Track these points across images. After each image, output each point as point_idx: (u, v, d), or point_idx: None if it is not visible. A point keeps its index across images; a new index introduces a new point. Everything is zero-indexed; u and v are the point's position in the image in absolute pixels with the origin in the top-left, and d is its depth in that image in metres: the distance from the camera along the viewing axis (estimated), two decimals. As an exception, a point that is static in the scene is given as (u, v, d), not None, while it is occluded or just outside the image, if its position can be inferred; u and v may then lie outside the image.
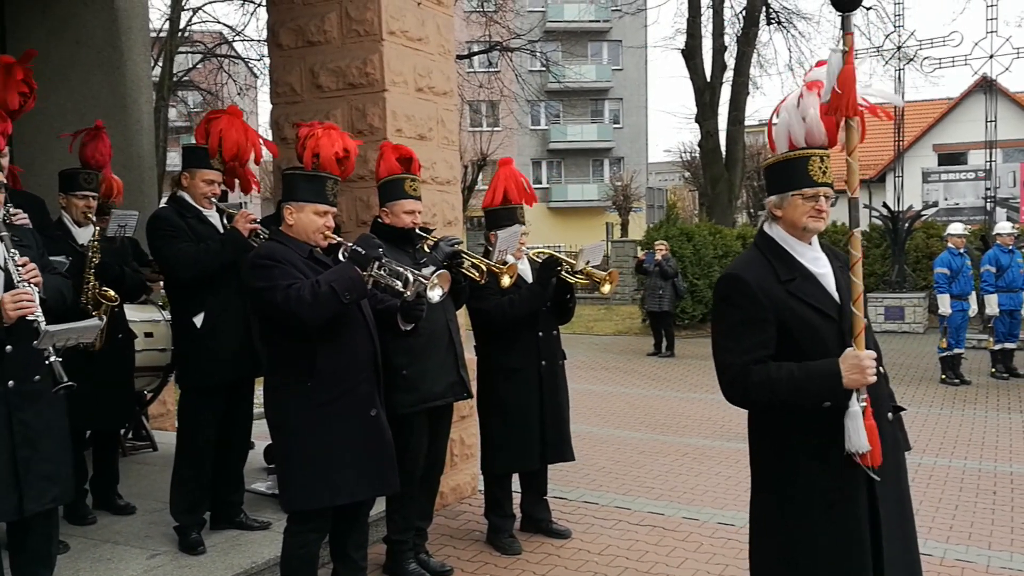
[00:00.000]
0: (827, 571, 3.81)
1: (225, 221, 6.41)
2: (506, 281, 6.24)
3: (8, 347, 4.45)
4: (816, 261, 3.90)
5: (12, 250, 4.47)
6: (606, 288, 6.81)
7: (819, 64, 4.07)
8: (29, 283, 4.41)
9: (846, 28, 3.80)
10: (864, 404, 3.66)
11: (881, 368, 3.89)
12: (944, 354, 14.78)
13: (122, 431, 8.33)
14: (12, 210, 4.96)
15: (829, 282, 3.86)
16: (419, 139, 7.66)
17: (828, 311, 3.79)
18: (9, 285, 4.42)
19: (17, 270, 4.41)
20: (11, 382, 4.45)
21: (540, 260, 6.81)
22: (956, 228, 14.97)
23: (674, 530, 7.37)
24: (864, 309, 3.81)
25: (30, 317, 4.33)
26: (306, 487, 4.91)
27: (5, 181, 4.84)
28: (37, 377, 4.55)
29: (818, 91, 3.92)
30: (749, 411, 4.08)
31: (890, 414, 3.94)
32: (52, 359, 4.39)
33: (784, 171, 3.93)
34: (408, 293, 5.02)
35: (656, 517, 7.71)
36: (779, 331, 3.79)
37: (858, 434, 3.63)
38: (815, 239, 3.96)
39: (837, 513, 3.77)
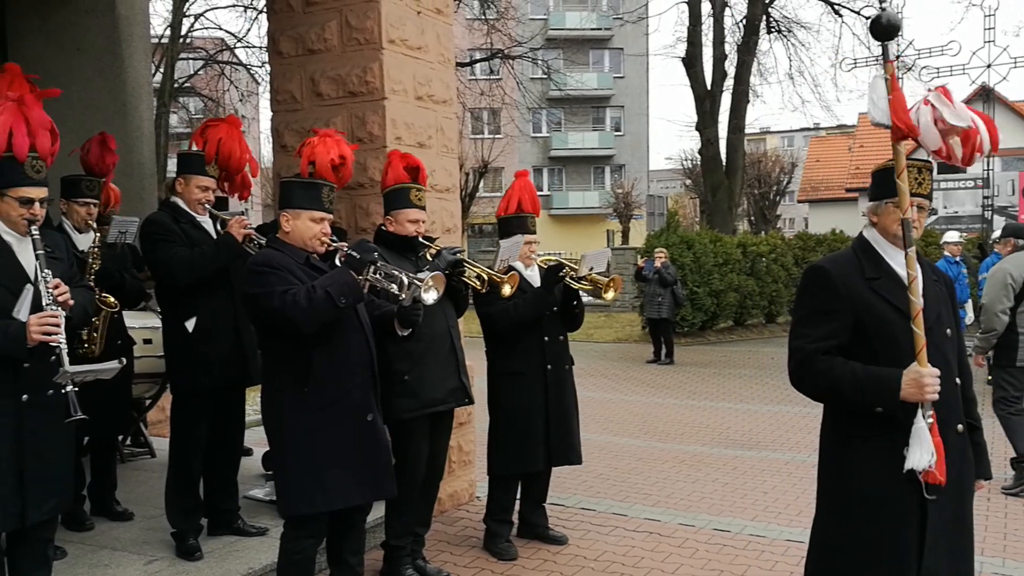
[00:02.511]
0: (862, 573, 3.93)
1: (219, 227, 6.44)
2: (507, 290, 6.27)
3: (26, 363, 4.47)
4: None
5: (46, 270, 4.50)
6: (609, 294, 6.89)
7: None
8: (57, 304, 4.44)
9: (886, 56, 3.91)
10: (931, 420, 3.74)
11: (957, 380, 4.04)
12: None
13: (120, 437, 8.37)
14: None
15: (915, 286, 3.92)
16: (419, 147, 7.70)
17: (907, 311, 3.85)
18: (37, 302, 4.44)
19: (48, 292, 4.44)
20: (25, 395, 4.48)
21: (547, 267, 6.87)
22: (951, 236, 15.01)
23: (670, 536, 7.39)
24: (949, 323, 4.04)
25: (52, 344, 4.36)
26: (302, 492, 4.94)
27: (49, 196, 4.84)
28: (51, 391, 4.56)
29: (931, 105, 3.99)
30: (823, 410, 4.22)
31: (960, 426, 4.02)
32: (68, 389, 4.43)
33: (883, 179, 4.06)
34: (404, 297, 5.06)
35: (652, 523, 7.74)
36: (855, 326, 3.93)
37: (922, 451, 3.72)
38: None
39: (885, 516, 3.86)
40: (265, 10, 8.22)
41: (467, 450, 8.14)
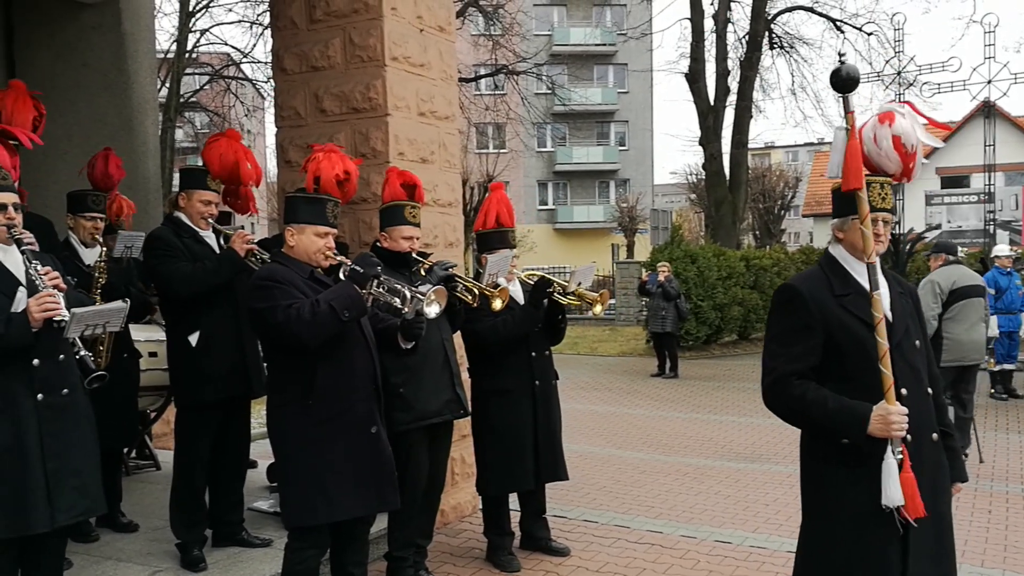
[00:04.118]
0: None
1: (222, 241, 6.49)
2: (497, 304, 6.30)
3: (36, 361, 4.55)
4: None
5: (33, 261, 4.58)
6: (597, 308, 6.93)
7: (889, 102, 4.21)
8: (52, 287, 4.52)
9: (847, 108, 3.98)
10: (900, 457, 3.79)
11: (930, 390, 4.09)
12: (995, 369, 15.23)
13: (125, 450, 8.41)
14: (20, 231, 5.06)
15: (884, 300, 3.99)
16: (421, 162, 7.77)
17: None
18: (34, 294, 4.52)
19: (40, 278, 4.52)
20: (40, 395, 4.55)
21: (532, 282, 6.91)
22: (1002, 250, 15.09)
23: (672, 548, 7.43)
24: (917, 335, 4.11)
25: (56, 318, 4.43)
26: (305, 503, 4.99)
27: (23, 203, 4.94)
28: (65, 391, 4.65)
29: (890, 123, 4.05)
30: (801, 433, 4.25)
31: (935, 435, 4.08)
32: (81, 353, 4.51)
33: (847, 196, 4.07)
34: (407, 310, 5.12)
35: (654, 535, 7.77)
36: (827, 342, 3.98)
37: (892, 488, 3.76)
38: (877, 261, 4.09)
39: (868, 530, 3.89)
40: (270, 27, 8.30)
41: (469, 463, 8.16)
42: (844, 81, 3.96)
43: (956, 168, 34.47)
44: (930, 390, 4.11)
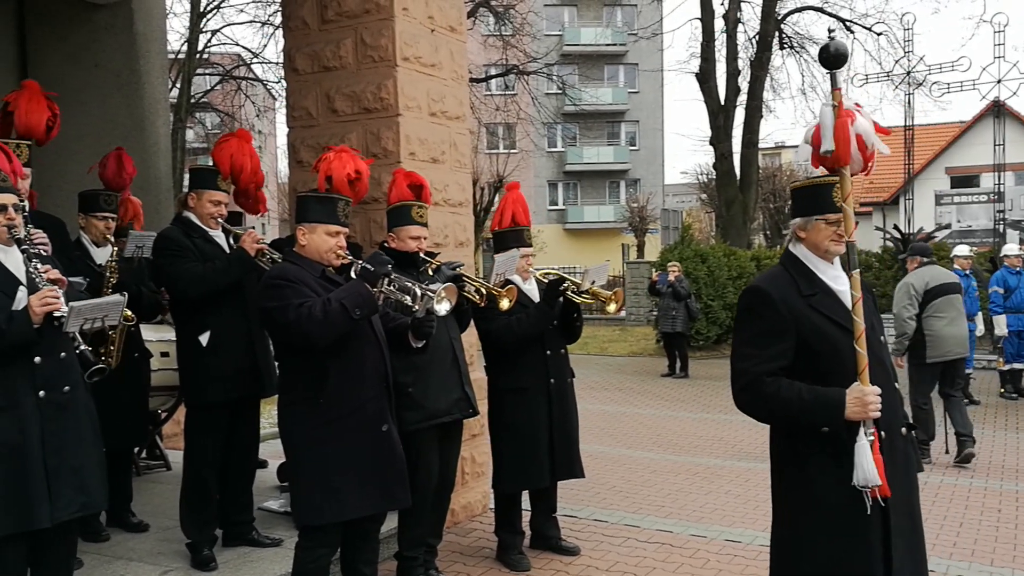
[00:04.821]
0: None
1: (231, 241, 6.50)
2: (504, 304, 6.30)
3: (37, 358, 4.58)
4: (837, 279, 4.07)
5: (33, 260, 4.62)
6: (611, 307, 6.94)
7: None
8: (52, 283, 4.55)
9: (834, 84, 3.99)
10: (872, 438, 3.80)
11: (896, 385, 4.11)
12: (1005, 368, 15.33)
13: (136, 450, 8.44)
14: (33, 231, 5.09)
15: (847, 298, 3.99)
16: (432, 162, 7.78)
17: (846, 324, 3.93)
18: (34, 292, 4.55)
19: (40, 276, 4.56)
20: (42, 392, 4.58)
21: (547, 280, 6.92)
22: (962, 250, 15.05)
23: (682, 547, 7.44)
24: (880, 331, 4.08)
25: (57, 313, 4.46)
26: (315, 502, 5.00)
27: (26, 203, 4.99)
28: (67, 388, 4.67)
29: (851, 121, 4.05)
30: (771, 430, 4.27)
31: (903, 429, 4.09)
32: (81, 347, 4.55)
33: (810, 196, 4.13)
34: (417, 308, 5.14)
35: (664, 535, 7.78)
36: (799, 343, 3.97)
37: (866, 467, 3.77)
38: (836, 259, 4.10)
39: (850, 523, 3.89)
40: (281, 27, 8.32)
41: (480, 462, 8.19)
42: (833, 57, 3.96)
43: (966, 168, 34.45)
44: (897, 385, 4.13)
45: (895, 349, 10.62)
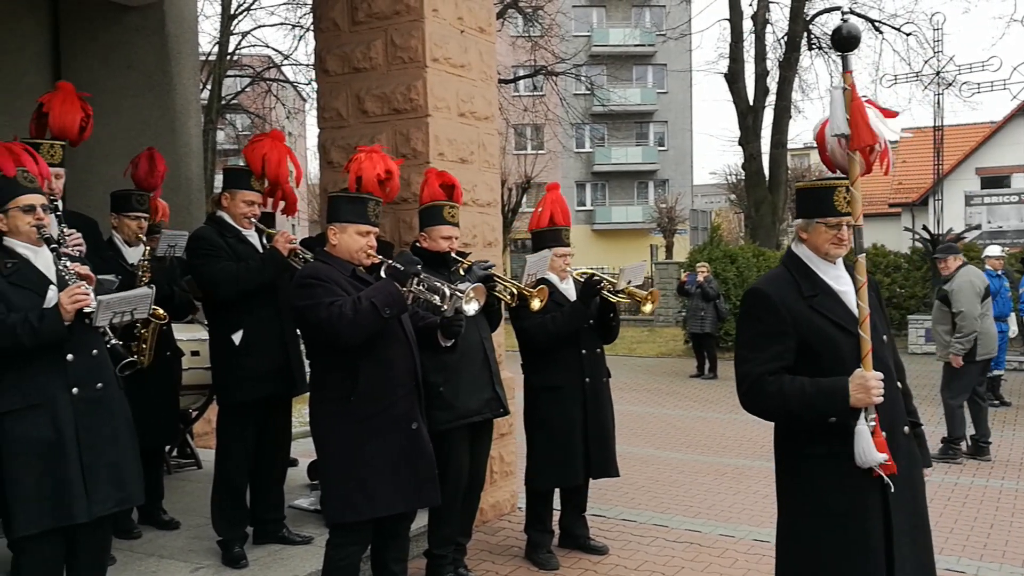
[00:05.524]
0: None
1: (264, 241, 6.54)
2: (535, 304, 6.32)
3: (70, 356, 4.64)
4: (839, 279, 4.08)
5: (63, 259, 4.68)
6: (647, 307, 6.93)
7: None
8: (81, 279, 4.62)
9: (846, 67, 3.98)
10: (873, 424, 3.82)
11: (900, 384, 4.12)
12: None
13: (167, 448, 8.50)
14: (67, 231, 5.15)
15: (850, 299, 4.03)
16: (461, 163, 7.81)
17: (847, 325, 3.95)
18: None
19: (70, 274, 4.63)
20: (75, 389, 4.64)
21: (583, 279, 6.94)
22: (993, 250, 14.95)
23: (710, 547, 7.44)
24: (884, 330, 4.02)
25: (87, 309, 4.51)
26: (347, 500, 5.04)
27: (59, 202, 5.06)
28: (100, 384, 4.73)
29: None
30: (775, 426, 4.24)
31: (906, 428, 4.10)
32: (112, 342, 4.60)
33: (812, 198, 4.15)
34: (446, 307, 5.17)
35: (693, 534, 7.78)
36: (800, 344, 3.99)
37: (866, 450, 3.80)
38: (839, 260, 4.11)
39: (851, 523, 3.90)
40: (312, 29, 8.37)
41: (508, 461, 8.21)
42: (845, 40, 3.97)
43: (996, 168, 34.24)
44: (899, 383, 4.14)
45: (961, 349, 10.62)
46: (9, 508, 4.57)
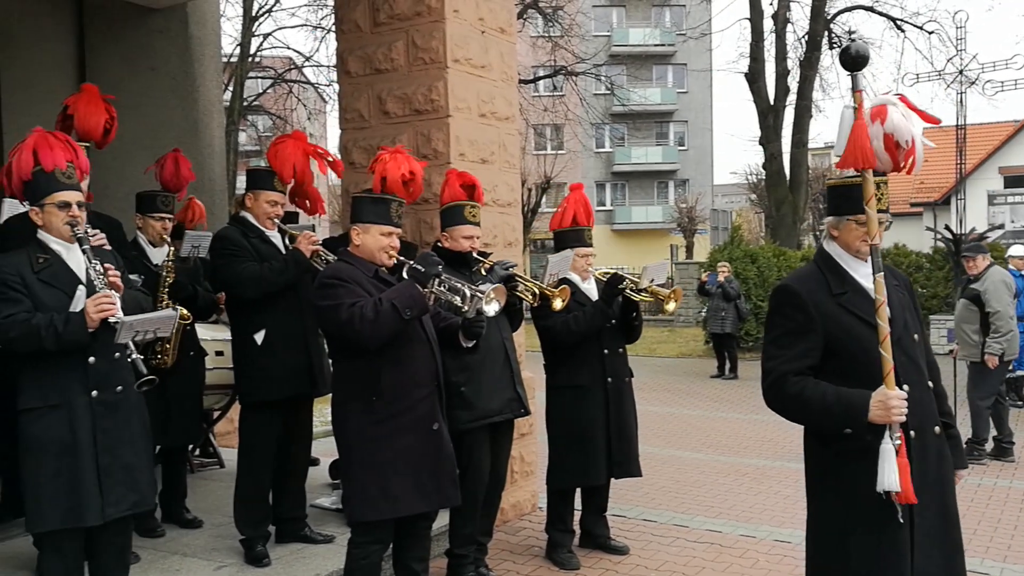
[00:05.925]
0: None
1: (287, 242, 6.56)
2: (558, 304, 6.32)
3: (92, 359, 4.68)
4: (869, 277, 4.03)
5: (95, 260, 4.72)
6: (670, 306, 6.92)
7: (883, 94, 4.19)
8: (110, 286, 4.64)
9: (855, 87, 3.98)
10: (898, 442, 3.80)
11: (932, 384, 4.11)
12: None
13: (190, 448, 8.54)
14: (91, 231, 5.19)
15: (883, 311, 3.98)
16: (481, 163, 7.84)
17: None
18: (92, 294, 4.64)
19: (100, 277, 4.65)
20: (95, 392, 4.68)
21: (605, 279, 6.95)
22: (1017, 250, 14.85)
23: (731, 547, 7.45)
24: (916, 328, 4.09)
25: (112, 320, 4.53)
26: (368, 499, 5.06)
27: (88, 202, 5.10)
28: (119, 388, 4.77)
29: (881, 120, 4.04)
30: (804, 430, 4.26)
31: (937, 428, 4.08)
32: (133, 356, 4.60)
33: (843, 195, 4.13)
34: (467, 309, 5.19)
35: (714, 535, 7.79)
36: (828, 341, 3.99)
37: (889, 473, 3.78)
38: (870, 257, 4.11)
39: (877, 524, 3.90)
40: (334, 30, 8.40)
41: (529, 460, 8.23)
42: (853, 59, 3.94)
43: (1020, 167, 34.04)
44: (930, 383, 4.13)
45: (999, 349, 10.60)
46: (26, 504, 4.66)
